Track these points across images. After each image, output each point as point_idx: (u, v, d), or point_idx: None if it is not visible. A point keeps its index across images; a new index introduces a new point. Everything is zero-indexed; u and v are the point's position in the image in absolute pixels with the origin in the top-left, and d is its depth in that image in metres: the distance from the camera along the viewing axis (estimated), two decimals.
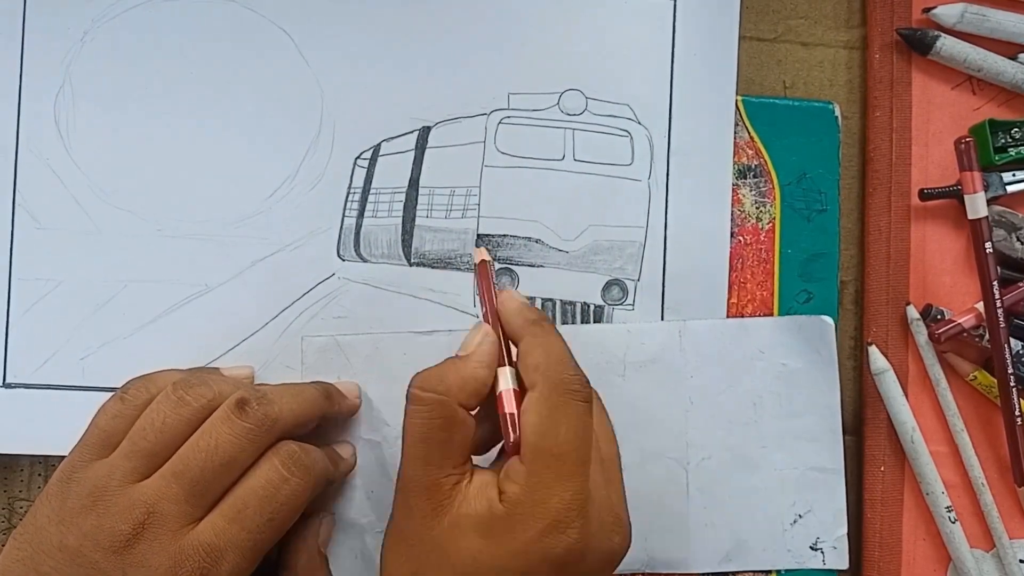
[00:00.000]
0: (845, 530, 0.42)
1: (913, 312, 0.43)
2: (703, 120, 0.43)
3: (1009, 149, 0.43)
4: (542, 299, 0.43)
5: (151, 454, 0.33)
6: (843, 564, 0.42)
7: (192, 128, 0.41)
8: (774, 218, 0.44)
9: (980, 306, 0.42)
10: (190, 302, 0.41)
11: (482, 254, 0.37)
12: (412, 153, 0.42)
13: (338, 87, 0.42)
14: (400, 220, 0.42)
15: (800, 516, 0.42)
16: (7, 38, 0.41)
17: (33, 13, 0.41)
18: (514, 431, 0.32)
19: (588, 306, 0.43)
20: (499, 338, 0.34)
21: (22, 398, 0.40)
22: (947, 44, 0.43)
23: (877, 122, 0.45)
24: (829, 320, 0.42)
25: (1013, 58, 0.44)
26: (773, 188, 0.44)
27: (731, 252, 0.43)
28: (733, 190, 0.43)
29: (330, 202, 0.42)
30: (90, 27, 0.41)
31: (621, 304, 0.43)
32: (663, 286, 0.43)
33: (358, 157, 0.42)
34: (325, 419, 0.38)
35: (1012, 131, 0.43)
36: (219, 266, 0.41)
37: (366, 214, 0.42)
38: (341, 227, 0.42)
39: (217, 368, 0.40)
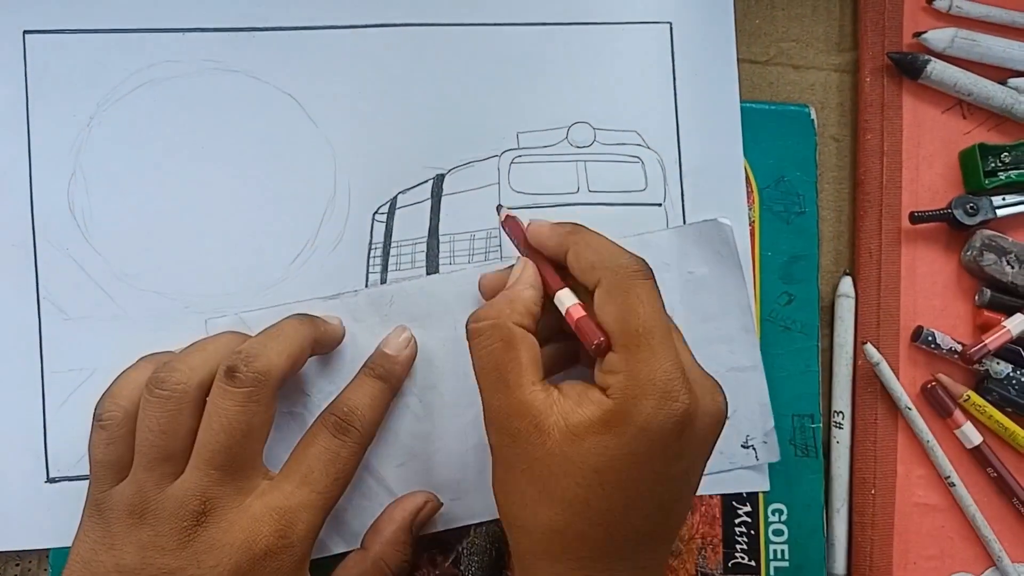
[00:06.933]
0: (772, 424, 0.42)
1: (872, 352, 0.44)
2: (711, 137, 0.44)
3: (999, 173, 0.44)
4: None
5: (168, 456, 0.33)
6: (775, 457, 0.43)
7: (208, 202, 0.41)
8: (753, 221, 0.44)
9: (1009, 324, 0.42)
10: None
11: (506, 211, 0.40)
12: (429, 202, 0.42)
13: (349, 145, 0.42)
14: (424, 270, 0.42)
15: (727, 417, 0.42)
16: (13, 131, 0.41)
17: (36, 102, 0.41)
18: (593, 335, 0.32)
19: None
20: (538, 267, 0.36)
21: (66, 492, 0.40)
22: (937, 68, 0.44)
23: (868, 145, 0.45)
24: (727, 222, 0.42)
25: (1003, 83, 0.45)
26: (752, 191, 0.44)
27: None
28: None
29: (353, 260, 0.42)
30: (96, 111, 0.41)
31: None
32: None
33: (376, 212, 0.42)
34: (319, 344, 0.38)
35: (1002, 155, 0.44)
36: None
37: (390, 268, 0.42)
38: (367, 284, 0.42)
39: (171, 351, 0.38)
